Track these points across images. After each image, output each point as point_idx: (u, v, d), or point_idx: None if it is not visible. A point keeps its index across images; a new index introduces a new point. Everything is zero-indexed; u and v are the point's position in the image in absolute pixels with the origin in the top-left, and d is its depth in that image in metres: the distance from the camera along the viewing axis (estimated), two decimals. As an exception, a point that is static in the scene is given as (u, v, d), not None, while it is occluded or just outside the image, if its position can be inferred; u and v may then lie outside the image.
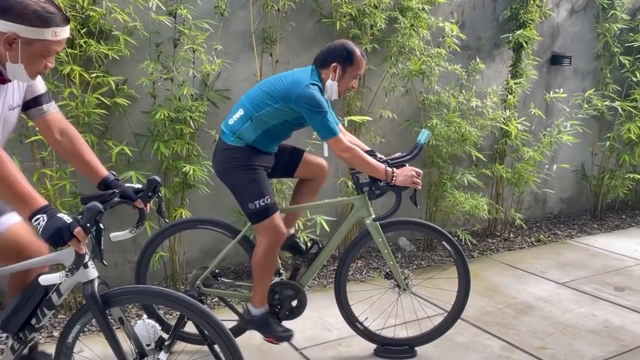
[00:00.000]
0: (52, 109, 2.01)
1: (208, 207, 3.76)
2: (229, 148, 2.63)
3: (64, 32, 1.71)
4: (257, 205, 2.56)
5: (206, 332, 1.81)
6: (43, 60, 1.72)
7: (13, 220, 1.98)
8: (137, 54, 3.32)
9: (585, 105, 4.83)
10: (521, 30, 4.60)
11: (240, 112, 2.63)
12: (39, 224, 1.58)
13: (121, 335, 1.82)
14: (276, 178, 3.48)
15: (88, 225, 1.59)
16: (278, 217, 2.61)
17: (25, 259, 1.88)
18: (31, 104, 1.96)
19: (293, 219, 2.98)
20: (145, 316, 2.89)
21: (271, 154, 2.73)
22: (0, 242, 1.93)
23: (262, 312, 2.70)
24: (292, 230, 2.95)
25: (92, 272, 1.77)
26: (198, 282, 2.77)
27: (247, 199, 2.57)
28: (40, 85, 1.96)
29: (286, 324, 2.77)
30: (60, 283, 1.77)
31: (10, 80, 1.77)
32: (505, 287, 3.84)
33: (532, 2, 4.68)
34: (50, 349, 2.07)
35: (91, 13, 3.06)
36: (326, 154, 3.17)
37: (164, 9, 3.30)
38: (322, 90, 2.58)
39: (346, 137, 2.78)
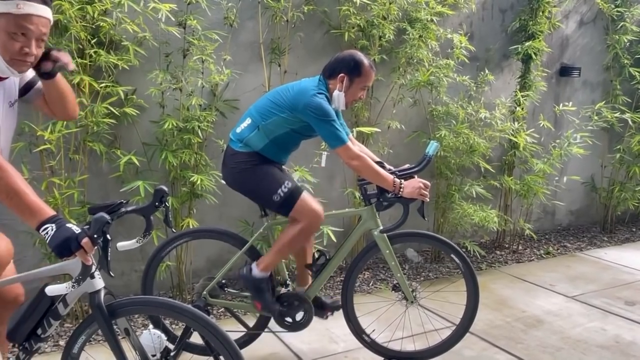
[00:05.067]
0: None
1: (215, 217, 3.76)
2: (236, 153, 2.64)
3: (32, 8, 1.65)
4: (282, 194, 2.54)
5: (211, 344, 1.80)
6: (13, 41, 1.66)
7: None
8: (147, 64, 3.34)
9: (595, 117, 4.81)
10: (530, 42, 4.60)
11: (248, 121, 2.64)
12: (47, 233, 1.58)
13: (127, 346, 1.81)
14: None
15: (95, 236, 1.59)
16: (309, 197, 2.58)
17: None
18: (28, 88, 1.96)
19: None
20: (151, 326, 2.88)
21: (280, 163, 2.72)
22: None
23: (262, 277, 2.67)
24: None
25: (99, 282, 1.76)
26: (204, 292, 2.76)
27: (269, 193, 2.55)
28: (29, 72, 1.93)
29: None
30: (66, 293, 1.77)
31: (7, 77, 1.77)
32: (514, 300, 3.80)
33: (541, 13, 4.67)
34: (56, 358, 2.07)
35: (101, 24, 3.08)
36: (323, 164, 3.17)
37: (174, 19, 3.32)
38: (329, 100, 2.58)
39: (356, 146, 2.78)
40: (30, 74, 1.97)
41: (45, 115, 2.76)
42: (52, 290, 1.66)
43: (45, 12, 1.72)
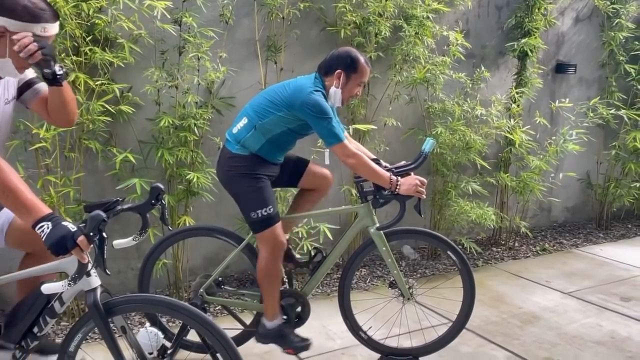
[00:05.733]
0: (44, 86, 2.01)
1: (212, 215, 3.76)
2: (233, 156, 2.62)
3: (53, 29, 1.71)
4: (260, 215, 2.55)
5: (208, 341, 1.80)
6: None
7: None
8: (142, 62, 3.33)
9: (591, 114, 4.82)
10: (526, 39, 4.60)
11: (244, 121, 2.63)
12: (42, 231, 1.58)
13: (123, 344, 1.81)
14: (280, 188, 3.47)
15: (91, 234, 1.58)
16: (279, 228, 2.60)
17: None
18: (25, 88, 1.97)
19: (290, 226, 2.97)
20: (147, 324, 2.87)
21: (276, 164, 2.72)
22: (18, 230, 1.93)
23: (277, 324, 2.68)
24: (287, 236, 2.93)
25: (95, 280, 1.76)
26: (201, 290, 2.76)
27: (250, 208, 2.57)
28: (29, 72, 1.97)
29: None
30: (62, 292, 1.77)
31: (2, 77, 1.77)
32: (510, 297, 3.82)
33: (536, 10, 4.67)
34: (53, 356, 2.07)
35: (96, 21, 3.07)
36: (327, 161, 3.17)
37: (169, 17, 3.31)
38: (325, 97, 2.58)
39: (352, 144, 2.77)
40: (29, 74, 1.96)
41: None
42: (48, 288, 1.66)
43: (57, 26, 1.77)
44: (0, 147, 1.93)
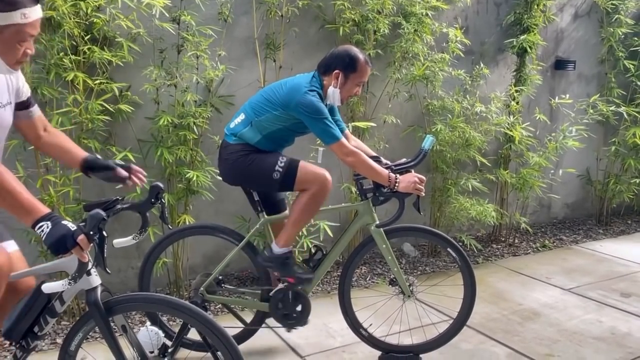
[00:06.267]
0: (37, 110, 2.01)
1: (212, 213, 3.76)
2: (230, 145, 2.65)
3: (34, 12, 1.64)
4: (280, 169, 2.54)
5: (209, 340, 1.80)
6: (19, 47, 1.65)
7: (12, 248, 1.97)
8: (141, 61, 3.33)
9: (590, 110, 4.81)
10: (525, 35, 4.60)
11: (242, 117, 2.66)
12: (42, 230, 1.57)
13: (124, 343, 1.81)
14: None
15: (91, 233, 1.58)
16: (308, 164, 2.57)
17: (12, 292, 1.86)
18: (21, 106, 1.94)
19: (279, 228, 2.90)
20: (148, 323, 2.86)
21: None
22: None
23: (285, 252, 2.66)
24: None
25: (95, 279, 1.76)
26: (201, 288, 2.76)
27: (268, 172, 2.55)
28: (26, 89, 1.94)
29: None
30: (63, 291, 1.76)
31: None
32: (510, 293, 3.82)
33: (535, 6, 4.67)
34: (54, 356, 2.06)
35: (95, 20, 3.06)
36: (320, 160, 3.17)
37: (168, 15, 3.30)
38: (322, 97, 2.57)
39: (352, 142, 2.77)
40: (27, 91, 1.94)
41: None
42: (48, 287, 1.66)
43: (41, 11, 1.71)
44: None
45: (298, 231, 2.67)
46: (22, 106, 1.94)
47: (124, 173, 2.05)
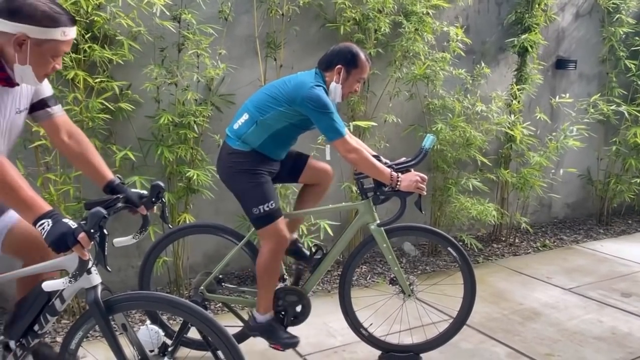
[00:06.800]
0: (59, 111, 2.01)
1: (212, 212, 3.76)
2: (234, 152, 2.61)
3: (72, 32, 1.71)
4: (262, 210, 2.55)
5: (209, 339, 1.80)
6: (51, 61, 1.71)
7: (17, 216, 1.98)
8: (141, 59, 3.32)
9: (591, 110, 4.81)
10: (526, 35, 4.59)
11: (245, 117, 2.62)
12: (43, 228, 1.58)
13: (124, 341, 1.81)
14: (280, 183, 3.46)
15: (92, 231, 1.58)
16: (282, 223, 2.60)
17: (43, 251, 1.86)
18: (38, 106, 1.96)
19: (296, 224, 2.96)
20: (148, 322, 2.88)
21: (277, 160, 2.71)
22: (16, 237, 1.93)
23: (268, 319, 2.68)
24: (295, 235, 2.94)
25: (96, 278, 1.76)
26: (202, 287, 2.76)
27: (252, 204, 2.56)
28: (47, 88, 1.97)
29: (291, 330, 2.75)
30: (63, 289, 1.76)
31: (18, 84, 1.77)
32: (510, 293, 3.81)
33: (537, 6, 4.66)
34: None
35: (95, 18, 3.06)
36: (328, 157, 3.16)
37: (168, 14, 3.30)
38: (326, 92, 2.57)
39: (353, 140, 2.77)
40: (46, 91, 1.95)
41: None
42: (48, 285, 1.65)
43: (75, 30, 1.76)
44: (4, 153, 1.92)
45: (271, 293, 2.67)
46: (41, 105, 1.96)
47: (144, 212, 2.03)
